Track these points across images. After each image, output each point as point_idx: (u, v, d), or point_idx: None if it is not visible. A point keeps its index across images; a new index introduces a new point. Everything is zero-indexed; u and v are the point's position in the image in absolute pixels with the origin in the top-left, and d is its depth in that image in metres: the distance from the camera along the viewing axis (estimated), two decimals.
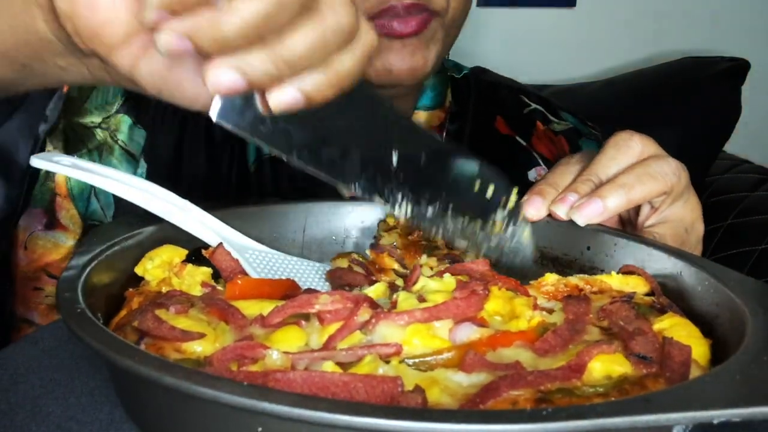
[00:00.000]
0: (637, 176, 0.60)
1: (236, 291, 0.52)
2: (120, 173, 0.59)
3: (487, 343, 0.45)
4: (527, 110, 0.95)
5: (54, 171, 0.56)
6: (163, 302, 0.49)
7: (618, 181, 0.60)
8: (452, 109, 0.93)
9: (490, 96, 0.96)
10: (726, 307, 0.48)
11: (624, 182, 0.60)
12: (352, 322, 0.45)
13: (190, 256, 0.58)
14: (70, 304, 0.43)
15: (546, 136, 0.94)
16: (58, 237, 0.81)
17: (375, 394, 0.37)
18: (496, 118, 0.94)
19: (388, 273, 0.61)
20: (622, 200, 0.60)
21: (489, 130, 0.94)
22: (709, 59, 1.74)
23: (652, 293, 0.56)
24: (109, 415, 0.46)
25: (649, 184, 0.60)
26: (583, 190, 0.61)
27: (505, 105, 0.95)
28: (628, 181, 0.60)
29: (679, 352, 0.43)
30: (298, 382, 0.38)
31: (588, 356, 0.42)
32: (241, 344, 0.42)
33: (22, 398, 0.48)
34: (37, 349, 0.54)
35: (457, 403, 0.39)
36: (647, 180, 0.60)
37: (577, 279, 0.56)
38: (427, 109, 0.91)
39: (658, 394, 0.38)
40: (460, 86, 0.96)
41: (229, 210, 0.64)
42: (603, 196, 0.59)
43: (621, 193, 0.60)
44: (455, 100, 0.94)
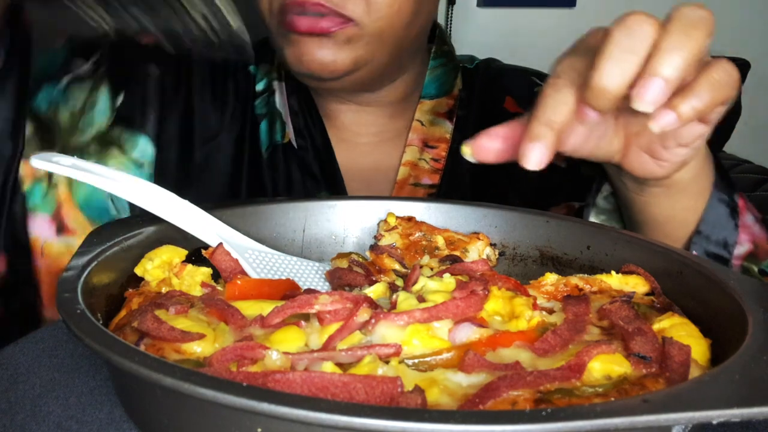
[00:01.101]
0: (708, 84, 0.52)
1: (236, 291, 0.52)
2: (119, 173, 0.59)
3: (487, 343, 0.45)
4: (537, 89, 0.96)
5: (54, 171, 0.56)
6: (162, 303, 0.49)
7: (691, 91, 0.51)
8: (461, 95, 0.95)
9: (499, 79, 0.98)
10: (726, 307, 0.48)
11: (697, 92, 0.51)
12: (352, 322, 0.45)
13: (189, 256, 0.58)
14: (70, 305, 0.43)
15: None
16: (69, 241, 0.82)
17: (374, 395, 0.37)
18: (506, 98, 0.95)
19: (389, 274, 0.61)
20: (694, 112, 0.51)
21: (498, 110, 0.95)
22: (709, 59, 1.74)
23: (652, 293, 0.56)
24: (109, 415, 0.46)
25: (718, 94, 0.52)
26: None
27: (514, 85, 0.96)
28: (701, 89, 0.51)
29: (679, 352, 0.43)
30: (298, 382, 0.38)
31: (587, 356, 0.42)
32: (240, 345, 0.42)
33: (22, 398, 0.48)
34: (37, 349, 0.54)
35: (457, 404, 0.39)
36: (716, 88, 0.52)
37: (577, 279, 0.56)
38: (432, 97, 0.94)
39: (658, 394, 0.38)
40: (472, 75, 0.98)
41: (229, 210, 0.64)
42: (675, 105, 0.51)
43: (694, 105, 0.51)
44: (466, 88, 0.96)
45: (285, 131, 0.91)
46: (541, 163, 0.52)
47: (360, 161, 0.93)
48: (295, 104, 0.92)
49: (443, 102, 0.94)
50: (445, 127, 0.93)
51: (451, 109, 0.94)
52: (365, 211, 0.69)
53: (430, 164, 0.91)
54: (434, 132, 0.92)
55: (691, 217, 0.69)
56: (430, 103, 0.94)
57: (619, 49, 0.50)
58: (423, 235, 0.66)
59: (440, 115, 0.93)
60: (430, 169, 0.91)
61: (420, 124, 0.93)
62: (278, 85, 0.94)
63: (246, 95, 0.94)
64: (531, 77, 0.97)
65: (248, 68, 0.95)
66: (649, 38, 0.50)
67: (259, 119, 0.93)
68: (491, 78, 0.98)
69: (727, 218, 0.71)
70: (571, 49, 0.57)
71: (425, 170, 0.91)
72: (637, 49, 0.50)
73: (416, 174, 0.91)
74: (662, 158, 0.62)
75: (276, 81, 0.94)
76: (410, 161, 0.91)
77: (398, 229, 0.66)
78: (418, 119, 0.93)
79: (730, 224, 0.71)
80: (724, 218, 0.70)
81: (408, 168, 0.91)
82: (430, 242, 0.65)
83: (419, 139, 0.92)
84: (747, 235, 0.73)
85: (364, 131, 0.93)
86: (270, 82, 0.94)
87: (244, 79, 0.95)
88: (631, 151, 0.63)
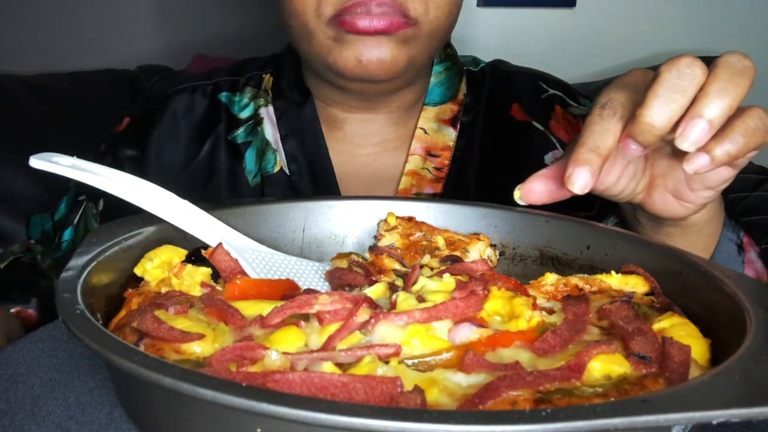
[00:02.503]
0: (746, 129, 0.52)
1: (235, 291, 0.52)
2: (119, 173, 0.59)
3: (487, 343, 0.45)
4: (545, 95, 0.95)
5: (53, 171, 0.56)
6: (162, 303, 0.49)
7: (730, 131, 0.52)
8: (466, 101, 0.94)
9: (506, 84, 0.97)
10: (726, 307, 0.48)
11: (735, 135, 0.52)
12: (352, 322, 0.45)
13: (189, 256, 0.58)
14: (69, 305, 0.43)
15: (565, 120, 0.93)
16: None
17: (374, 395, 0.37)
18: (512, 105, 0.95)
19: (388, 274, 0.61)
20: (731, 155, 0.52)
21: (504, 117, 0.94)
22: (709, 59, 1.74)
23: (652, 293, 0.56)
24: (108, 415, 0.46)
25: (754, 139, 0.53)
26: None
27: (522, 92, 0.95)
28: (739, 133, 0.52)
29: (679, 352, 0.43)
30: (297, 382, 0.38)
31: (587, 356, 0.42)
32: (240, 345, 0.42)
33: (22, 398, 0.48)
34: (37, 349, 0.54)
35: (456, 404, 0.39)
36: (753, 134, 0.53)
37: (577, 279, 0.56)
38: (436, 104, 0.93)
39: (657, 394, 0.38)
40: (477, 79, 0.97)
41: (229, 210, 0.64)
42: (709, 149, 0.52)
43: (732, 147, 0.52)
44: (470, 93, 0.95)
45: (276, 160, 0.90)
46: (587, 187, 0.53)
47: (361, 172, 0.92)
48: (285, 128, 0.91)
49: (447, 108, 0.93)
50: (449, 134, 0.92)
51: (455, 115, 0.93)
52: (365, 211, 0.69)
53: (432, 173, 0.90)
54: (437, 140, 0.92)
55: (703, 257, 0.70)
56: (434, 110, 0.93)
57: (669, 89, 0.52)
58: (423, 236, 0.66)
59: (444, 122, 0.92)
60: (433, 178, 0.90)
61: (423, 132, 0.92)
62: (266, 112, 0.92)
63: (216, 123, 0.93)
64: (539, 82, 0.97)
65: (217, 97, 0.94)
66: (697, 80, 0.52)
67: (242, 148, 0.92)
68: (498, 83, 0.97)
69: (735, 256, 0.73)
70: (613, 84, 0.59)
71: (427, 179, 0.90)
72: (686, 90, 0.52)
73: (418, 183, 0.90)
74: (687, 200, 0.63)
75: (263, 108, 0.93)
76: (412, 170, 0.90)
77: (398, 229, 0.66)
78: (421, 127, 0.92)
79: (737, 262, 0.73)
80: (733, 257, 0.72)
81: (410, 177, 0.90)
82: (430, 242, 0.65)
83: (422, 148, 0.91)
84: (752, 271, 0.75)
85: (367, 141, 0.93)
86: (257, 109, 0.93)
87: (212, 106, 0.94)
88: (655, 192, 0.65)
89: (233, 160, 0.91)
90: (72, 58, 2.08)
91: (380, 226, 0.68)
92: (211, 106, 0.94)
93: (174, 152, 0.92)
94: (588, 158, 0.53)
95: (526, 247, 0.66)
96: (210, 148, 0.92)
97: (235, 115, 0.93)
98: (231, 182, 0.91)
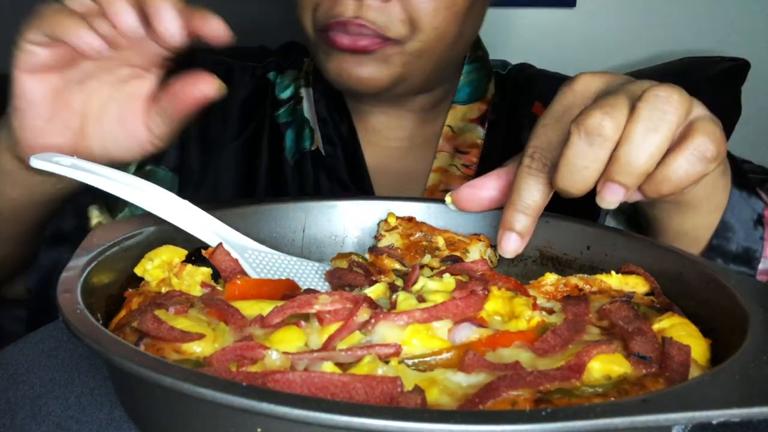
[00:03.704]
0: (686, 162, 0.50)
1: (236, 291, 0.52)
2: (118, 173, 0.59)
3: (487, 343, 0.45)
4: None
5: (54, 171, 0.56)
6: (162, 303, 0.49)
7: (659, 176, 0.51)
8: (494, 100, 0.96)
9: (530, 84, 0.99)
10: (726, 307, 0.48)
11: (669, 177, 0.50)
12: (352, 322, 0.45)
13: (189, 256, 0.58)
14: (69, 305, 0.43)
15: None
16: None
17: (374, 395, 0.37)
18: (534, 103, 0.96)
19: (389, 274, 0.61)
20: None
21: (526, 115, 0.95)
22: (709, 59, 1.74)
23: (652, 293, 0.56)
24: (108, 415, 0.46)
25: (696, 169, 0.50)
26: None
27: (544, 91, 0.96)
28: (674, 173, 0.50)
29: (679, 352, 0.43)
30: (298, 382, 0.38)
31: (587, 356, 0.42)
32: (240, 345, 0.42)
33: (22, 398, 0.48)
34: (37, 349, 0.54)
35: (457, 404, 0.39)
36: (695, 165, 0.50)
37: (577, 279, 0.56)
38: (463, 103, 0.95)
39: (657, 394, 0.38)
40: (504, 80, 0.99)
41: (229, 210, 0.64)
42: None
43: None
44: (498, 93, 0.97)
45: (314, 139, 0.92)
46: (517, 250, 0.54)
47: (391, 165, 0.93)
48: (323, 111, 0.93)
49: (475, 107, 0.94)
50: (477, 132, 0.93)
51: (483, 114, 0.94)
52: (365, 211, 0.69)
53: (461, 170, 0.91)
54: (465, 138, 0.93)
55: (704, 234, 0.67)
56: (462, 109, 0.94)
57: (578, 158, 0.50)
58: (423, 236, 0.66)
59: (472, 121, 0.94)
60: (461, 175, 0.91)
61: (450, 131, 0.93)
62: (306, 92, 0.94)
63: (262, 103, 0.95)
64: (561, 82, 0.97)
65: (267, 76, 0.96)
66: (608, 143, 0.49)
67: (282, 128, 0.93)
68: (522, 83, 0.99)
69: (752, 231, 0.68)
70: (550, 113, 0.57)
71: (456, 177, 0.91)
72: (597, 155, 0.49)
73: (447, 180, 0.91)
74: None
75: (303, 88, 0.95)
76: (441, 167, 0.91)
77: (398, 229, 0.66)
78: (449, 125, 0.93)
79: (754, 237, 0.68)
80: (749, 231, 0.68)
81: (438, 174, 0.91)
82: (430, 243, 0.65)
83: (450, 145, 0.92)
84: None
85: (395, 135, 0.94)
86: (297, 90, 0.95)
87: (260, 86, 0.95)
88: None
89: (276, 139, 0.93)
90: None
91: (380, 226, 0.68)
92: (259, 85, 0.96)
93: (220, 125, 0.93)
94: (517, 221, 0.54)
95: (526, 247, 0.66)
96: (256, 126, 0.94)
97: (277, 96, 0.96)
98: (273, 160, 0.92)
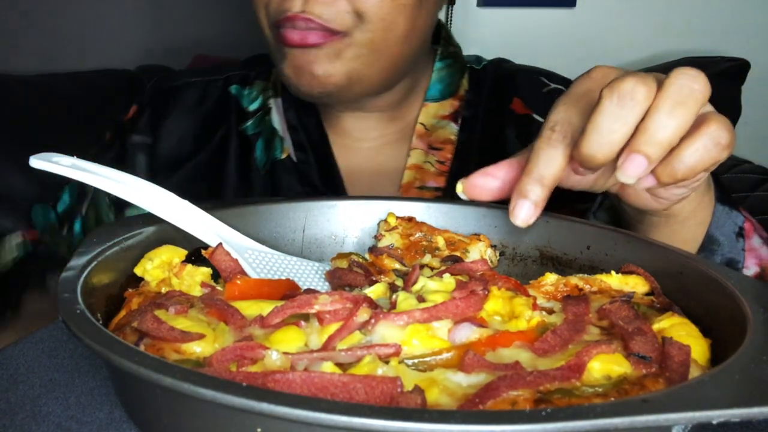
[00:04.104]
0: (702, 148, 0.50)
1: (236, 291, 0.52)
2: (119, 173, 0.59)
3: (487, 343, 0.45)
4: (547, 89, 0.95)
5: (53, 171, 0.56)
6: (162, 303, 0.49)
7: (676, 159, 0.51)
8: (467, 96, 0.95)
9: (508, 80, 0.97)
10: (726, 307, 0.48)
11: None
12: (352, 322, 0.45)
13: (189, 256, 0.58)
14: (69, 305, 0.43)
15: None
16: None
17: (374, 395, 0.37)
18: (513, 99, 0.95)
19: (389, 274, 0.61)
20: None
21: (504, 111, 0.95)
22: (709, 59, 1.74)
23: (652, 293, 0.56)
24: (108, 415, 0.46)
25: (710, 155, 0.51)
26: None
27: (523, 87, 0.96)
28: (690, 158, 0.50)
29: (679, 352, 0.43)
30: (298, 382, 0.38)
31: (587, 356, 0.42)
32: (240, 345, 0.42)
33: (22, 398, 0.48)
34: (37, 349, 0.55)
35: (457, 404, 0.39)
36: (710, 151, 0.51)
37: (577, 279, 0.56)
38: (435, 100, 0.94)
39: (657, 394, 0.38)
40: (479, 76, 0.98)
41: (229, 210, 0.64)
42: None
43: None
44: (472, 89, 0.96)
45: (284, 147, 0.92)
46: (529, 219, 0.53)
47: (363, 166, 0.93)
48: (293, 118, 0.93)
49: (448, 104, 0.94)
50: (450, 128, 0.93)
51: (456, 110, 0.94)
52: (365, 211, 0.69)
53: (435, 167, 0.91)
54: (439, 134, 0.92)
55: (690, 247, 0.68)
56: (434, 106, 0.94)
57: (608, 119, 0.49)
58: (423, 236, 0.66)
59: (445, 117, 0.93)
60: (436, 171, 0.91)
61: (423, 128, 0.92)
62: (274, 102, 0.95)
63: (225, 116, 0.95)
64: (540, 77, 0.97)
65: (228, 89, 0.97)
66: (639, 107, 0.49)
67: (252, 139, 0.94)
68: (500, 79, 0.98)
69: (734, 243, 0.70)
70: (570, 93, 0.57)
71: (431, 173, 0.90)
72: (627, 118, 0.49)
73: (422, 177, 0.90)
74: (660, 196, 0.62)
75: (272, 99, 0.95)
76: (415, 164, 0.91)
77: (398, 229, 0.66)
78: (421, 123, 0.93)
79: (736, 248, 0.70)
80: (732, 243, 0.69)
81: (413, 171, 0.91)
82: (430, 243, 0.65)
83: (423, 143, 0.92)
84: (754, 258, 0.72)
85: (366, 135, 0.93)
86: (266, 100, 0.95)
87: (221, 99, 0.96)
88: (628, 187, 0.63)
89: (244, 151, 0.93)
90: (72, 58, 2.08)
91: (380, 226, 0.68)
92: (222, 99, 0.96)
93: (185, 142, 0.94)
94: (531, 190, 0.53)
95: (526, 247, 0.66)
96: (220, 139, 0.94)
97: (244, 108, 0.96)
98: (242, 172, 0.93)
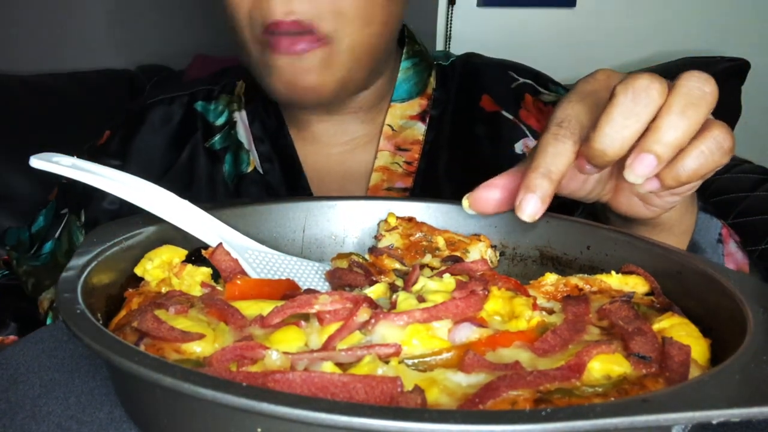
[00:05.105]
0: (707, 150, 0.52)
1: (236, 291, 0.52)
2: (118, 173, 0.59)
3: (487, 343, 0.45)
4: (515, 84, 0.95)
5: (53, 171, 0.56)
6: (162, 303, 0.49)
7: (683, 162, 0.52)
8: (435, 95, 0.94)
9: (476, 77, 0.97)
10: (726, 307, 0.48)
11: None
12: (352, 322, 0.45)
13: (189, 256, 0.58)
14: (69, 305, 0.43)
15: (535, 108, 0.93)
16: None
17: (374, 395, 0.37)
18: (482, 96, 0.95)
19: (389, 274, 0.61)
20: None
21: (474, 109, 0.94)
22: (709, 59, 1.74)
23: (652, 293, 0.56)
24: (108, 415, 0.46)
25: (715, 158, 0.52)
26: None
27: (491, 83, 0.95)
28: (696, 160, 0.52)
29: (679, 352, 0.43)
30: (298, 382, 0.38)
31: (587, 356, 0.42)
32: (240, 345, 0.42)
33: (22, 398, 0.48)
34: (37, 349, 0.55)
35: (457, 404, 0.39)
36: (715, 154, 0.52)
37: (577, 279, 0.56)
38: (403, 100, 0.93)
39: (657, 394, 0.38)
40: (447, 73, 0.97)
41: (229, 210, 0.64)
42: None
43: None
44: (440, 87, 0.95)
45: (250, 160, 0.92)
46: (537, 214, 0.53)
47: (332, 170, 0.93)
48: (258, 130, 0.93)
49: (415, 103, 0.93)
50: (418, 129, 0.92)
51: (424, 110, 0.93)
52: (365, 211, 0.69)
53: (403, 167, 0.91)
54: (406, 135, 0.92)
55: None
56: (401, 107, 0.93)
57: (622, 115, 0.50)
58: (423, 236, 0.66)
59: (413, 118, 0.93)
60: (403, 172, 0.90)
61: (390, 129, 0.92)
62: (239, 115, 0.94)
63: (192, 131, 0.95)
64: (509, 72, 0.97)
65: (194, 106, 0.96)
66: (653, 105, 0.50)
67: (220, 153, 0.93)
68: (467, 75, 0.97)
69: (715, 249, 0.72)
70: (576, 92, 0.57)
71: (398, 174, 0.90)
72: (640, 115, 0.50)
73: (389, 178, 0.90)
74: (653, 204, 0.62)
75: (236, 112, 0.94)
76: (382, 166, 0.91)
77: (398, 229, 0.66)
78: (388, 124, 0.92)
79: (717, 254, 0.72)
80: (713, 249, 0.72)
81: (380, 173, 0.90)
82: (430, 243, 0.65)
83: (391, 144, 0.91)
84: (732, 263, 0.74)
85: (336, 140, 0.93)
86: (231, 114, 0.95)
87: (187, 114, 0.96)
88: (621, 194, 0.64)
89: (212, 167, 0.93)
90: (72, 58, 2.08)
91: (380, 226, 0.68)
92: (187, 115, 0.96)
93: (152, 161, 0.93)
94: (539, 184, 0.53)
95: (526, 247, 0.66)
96: (188, 155, 0.94)
97: (211, 123, 0.95)
98: (210, 187, 0.92)
